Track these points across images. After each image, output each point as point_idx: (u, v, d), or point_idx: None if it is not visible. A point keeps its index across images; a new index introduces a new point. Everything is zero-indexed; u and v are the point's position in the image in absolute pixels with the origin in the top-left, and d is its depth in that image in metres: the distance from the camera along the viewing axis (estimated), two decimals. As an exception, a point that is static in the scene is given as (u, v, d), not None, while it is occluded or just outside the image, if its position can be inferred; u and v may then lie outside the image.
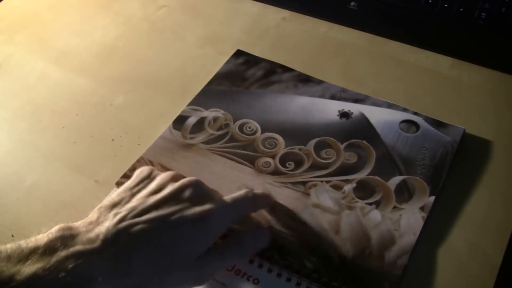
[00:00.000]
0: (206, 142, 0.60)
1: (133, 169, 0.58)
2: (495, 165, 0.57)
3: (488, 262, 0.50)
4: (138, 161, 0.59)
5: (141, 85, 0.69)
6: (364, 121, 0.61)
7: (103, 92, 0.68)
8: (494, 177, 0.56)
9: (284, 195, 0.55)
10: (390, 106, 0.62)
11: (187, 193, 0.47)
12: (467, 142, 0.59)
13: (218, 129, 0.62)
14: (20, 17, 0.81)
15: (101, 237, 0.42)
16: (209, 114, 0.63)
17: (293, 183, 0.56)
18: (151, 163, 0.59)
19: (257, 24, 0.76)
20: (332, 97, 0.64)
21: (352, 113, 0.62)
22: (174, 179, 0.49)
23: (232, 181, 0.56)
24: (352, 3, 0.76)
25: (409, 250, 0.50)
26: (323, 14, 0.76)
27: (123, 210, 0.45)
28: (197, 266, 0.45)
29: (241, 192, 0.50)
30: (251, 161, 0.58)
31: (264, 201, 0.53)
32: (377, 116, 0.61)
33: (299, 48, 0.72)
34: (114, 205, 0.46)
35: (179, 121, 0.63)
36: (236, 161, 0.58)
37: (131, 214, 0.44)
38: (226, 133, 0.61)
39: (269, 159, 0.58)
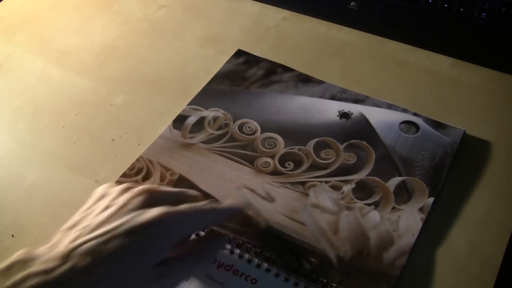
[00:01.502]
0: (206, 142, 0.61)
1: (132, 168, 0.58)
2: (495, 166, 0.57)
3: (488, 262, 0.50)
4: (137, 160, 0.59)
5: (141, 85, 0.69)
6: (364, 121, 0.61)
7: (103, 92, 0.68)
8: (494, 178, 0.56)
9: (283, 195, 0.55)
10: (390, 107, 0.62)
11: (136, 202, 0.47)
12: (467, 143, 0.59)
13: (218, 129, 0.62)
14: (20, 17, 0.81)
15: (56, 256, 0.43)
16: (209, 113, 0.63)
17: (292, 183, 0.56)
18: (150, 162, 0.59)
19: (257, 24, 0.76)
20: (332, 98, 0.64)
21: (352, 113, 0.62)
22: (126, 191, 0.49)
23: (231, 181, 0.57)
24: (352, 3, 0.76)
25: (407, 251, 0.50)
26: (323, 14, 0.76)
27: (78, 230, 0.45)
28: (156, 275, 0.45)
29: (205, 203, 0.49)
30: (250, 161, 0.58)
31: (228, 213, 0.52)
32: (377, 116, 0.61)
33: (299, 48, 0.72)
34: (73, 227, 0.47)
35: (179, 121, 0.63)
36: (236, 161, 0.58)
37: (84, 232, 0.45)
38: (226, 133, 0.61)
39: (269, 159, 0.58)
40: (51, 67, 0.72)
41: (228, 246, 0.51)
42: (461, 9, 0.72)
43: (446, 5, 0.73)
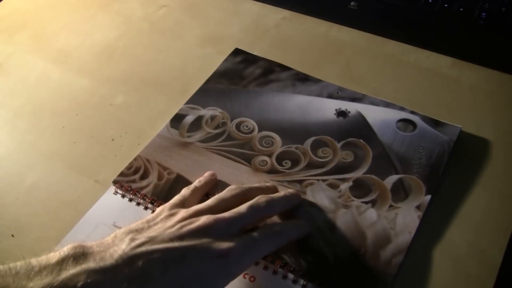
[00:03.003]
0: (203, 141, 0.61)
1: (130, 167, 0.58)
2: (494, 164, 0.57)
3: (487, 262, 0.50)
4: (135, 159, 0.59)
5: (141, 85, 0.69)
6: (361, 120, 0.61)
7: (103, 92, 0.68)
8: (493, 176, 0.56)
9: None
10: (387, 105, 0.62)
11: (210, 228, 0.45)
12: (465, 141, 0.59)
13: (215, 128, 0.62)
14: (20, 17, 0.82)
15: (115, 256, 0.41)
16: (207, 112, 0.63)
17: (290, 182, 0.56)
18: (148, 161, 0.59)
19: (257, 24, 0.76)
20: (330, 96, 0.64)
21: (349, 112, 0.62)
22: (195, 214, 0.47)
23: (228, 179, 0.56)
24: (352, 3, 0.76)
25: (404, 249, 0.50)
26: (323, 14, 0.76)
27: (142, 237, 0.43)
28: None
29: (275, 228, 0.49)
30: (247, 160, 0.58)
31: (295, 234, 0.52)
32: (374, 115, 0.61)
33: (299, 48, 0.72)
34: (131, 232, 0.44)
35: (177, 120, 0.63)
36: (233, 160, 0.58)
37: (150, 242, 0.43)
38: (223, 132, 0.61)
39: (266, 158, 0.58)
40: (51, 67, 0.72)
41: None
42: (461, 9, 0.72)
43: (446, 5, 0.73)
